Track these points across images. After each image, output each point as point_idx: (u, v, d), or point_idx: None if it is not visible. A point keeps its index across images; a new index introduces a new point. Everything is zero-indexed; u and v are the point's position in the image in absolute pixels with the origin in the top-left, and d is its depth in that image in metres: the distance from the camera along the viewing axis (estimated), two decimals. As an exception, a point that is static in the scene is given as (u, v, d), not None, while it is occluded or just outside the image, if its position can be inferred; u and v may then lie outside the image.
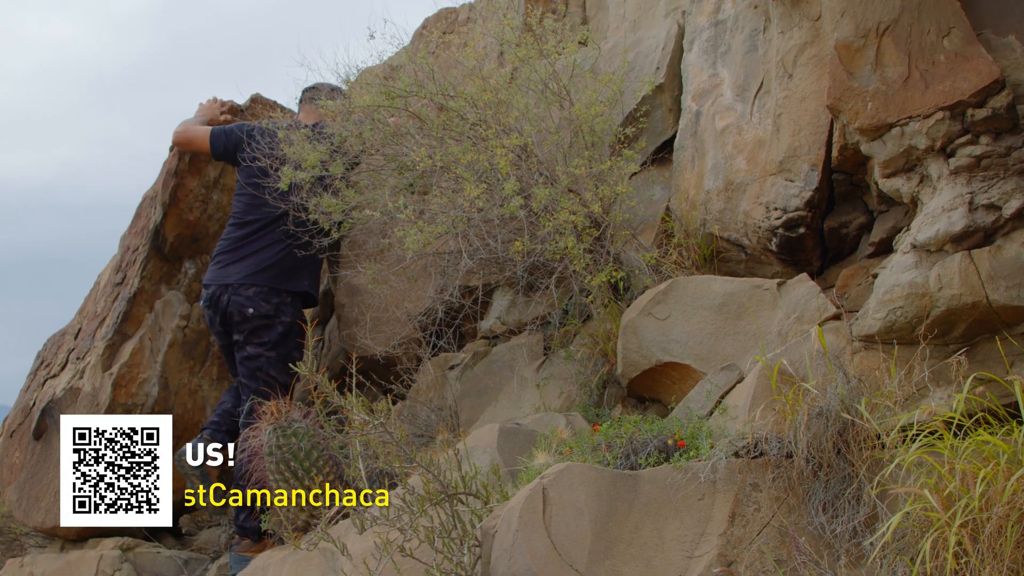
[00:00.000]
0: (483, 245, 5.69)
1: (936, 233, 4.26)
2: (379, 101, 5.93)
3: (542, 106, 5.83)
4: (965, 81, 4.26)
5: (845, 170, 5.07)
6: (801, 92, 5.21)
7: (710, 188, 5.60)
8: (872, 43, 4.58)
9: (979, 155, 4.25)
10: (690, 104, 5.99)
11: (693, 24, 6.26)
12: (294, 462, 5.26)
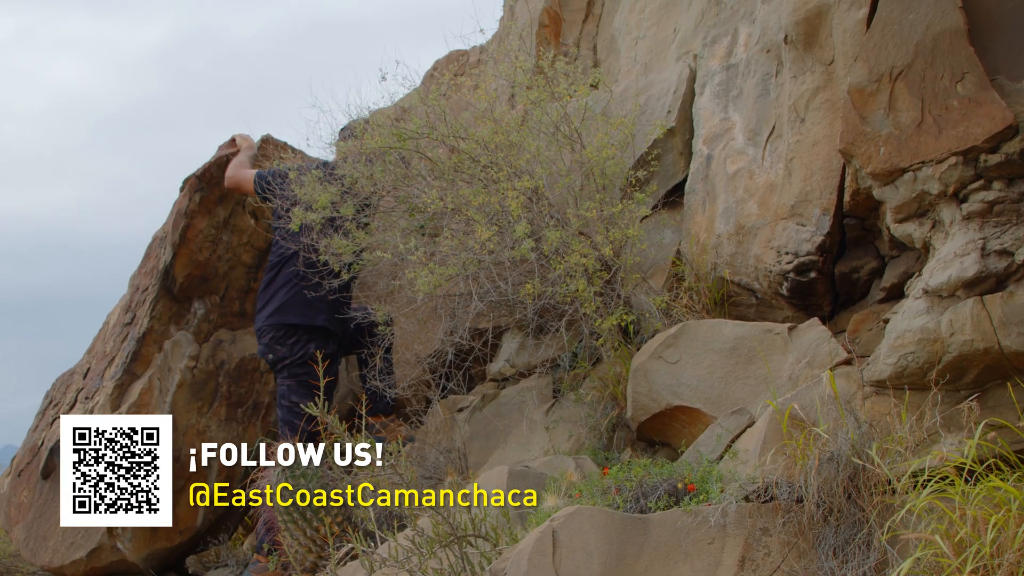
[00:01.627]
0: (493, 287, 5.69)
1: (948, 278, 4.24)
2: (390, 143, 5.94)
3: (553, 149, 5.84)
4: (978, 126, 4.25)
5: (857, 215, 5.06)
6: (813, 136, 5.21)
7: (721, 232, 5.60)
8: (885, 88, 4.58)
9: (992, 201, 4.23)
10: (701, 148, 6.00)
11: (705, 68, 6.27)
12: (302, 504, 5.23)
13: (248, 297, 7.65)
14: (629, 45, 7.78)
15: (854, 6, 4.91)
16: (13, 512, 7.62)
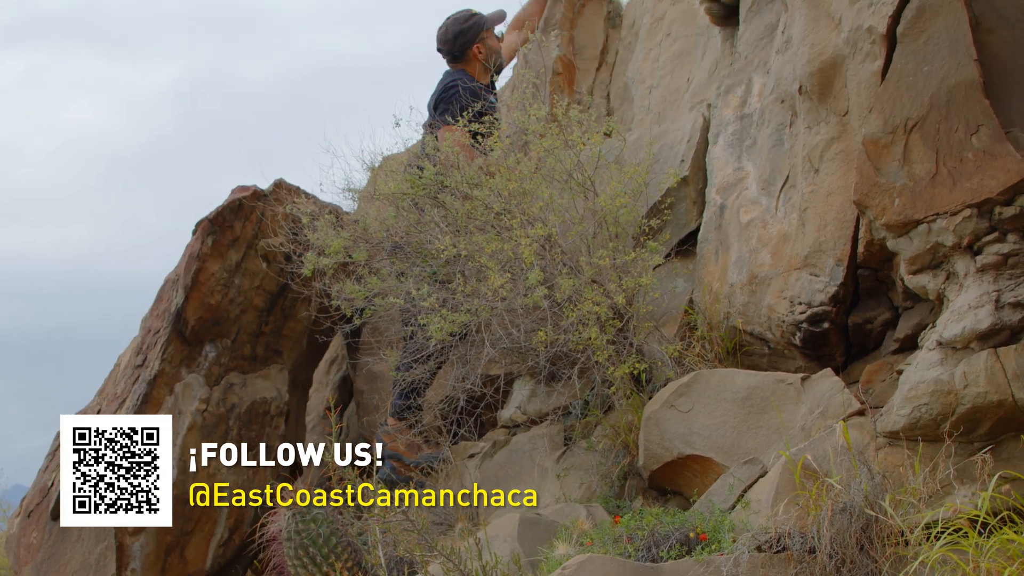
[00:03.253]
0: (506, 334, 5.69)
1: (962, 331, 4.24)
2: (404, 189, 5.97)
3: (567, 197, 5.85)
4: (993, 179, 4.25)
5: (871, 266, 5.06)
6: (827, 187, 5.22)
7: (734, 281, 5.60)
8: (900, 139, 4.59)
9: (1006, 253, 4.23)
10: (715, 197, 6.01)
11: (719, 117, 6.29)
12: (312, 548, 5.21)
13: (259, 340, 7.65)
14: (643, 94, 7.81)
15: (869, 58, 4.92)
16: (22, 553, 7.59)
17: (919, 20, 4.67)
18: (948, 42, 4.55)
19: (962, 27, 4.54)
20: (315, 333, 7.22)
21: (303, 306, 7.41)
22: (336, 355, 8.38)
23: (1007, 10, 4.64)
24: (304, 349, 7.75)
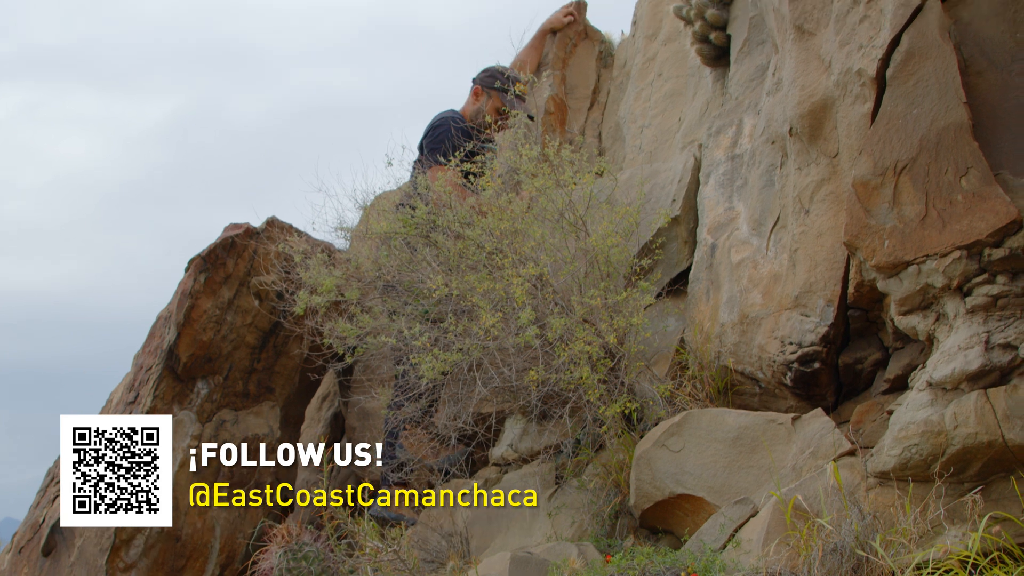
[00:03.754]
0: (497, 373, 5.70)
1: (952, 371, 4.26)
2: (396, 228, 5.99)
3: (558, 236, 5.87)
4: (982, 221, 4.28)
5: (861, 306, 5.08)
6: (818, 228, 5.24)
7: (725, 321, 5.62)
8: (890, 181, 4.61)
9: (996, 295, 4.26)
10: (706, 237, 6.03)
11: (710, 157, 6.32)
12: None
13: (252, 377, 7.66)
14: (634, 133, 7.85)
15: (858, 100, 4.96)
16: (12, 590, 7.58)
17: (908, 63, 4.71)
18: (937, 85, 4.59)
19: (951, 70, 4.57)
20: (307, 370, 7.25)
21: (295, 343, 7.44)
22: (328, 392, 8.39)
23: (995, 53, 4.68)
24: (296, 386, 7.77)
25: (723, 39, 6.95)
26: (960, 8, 4.81)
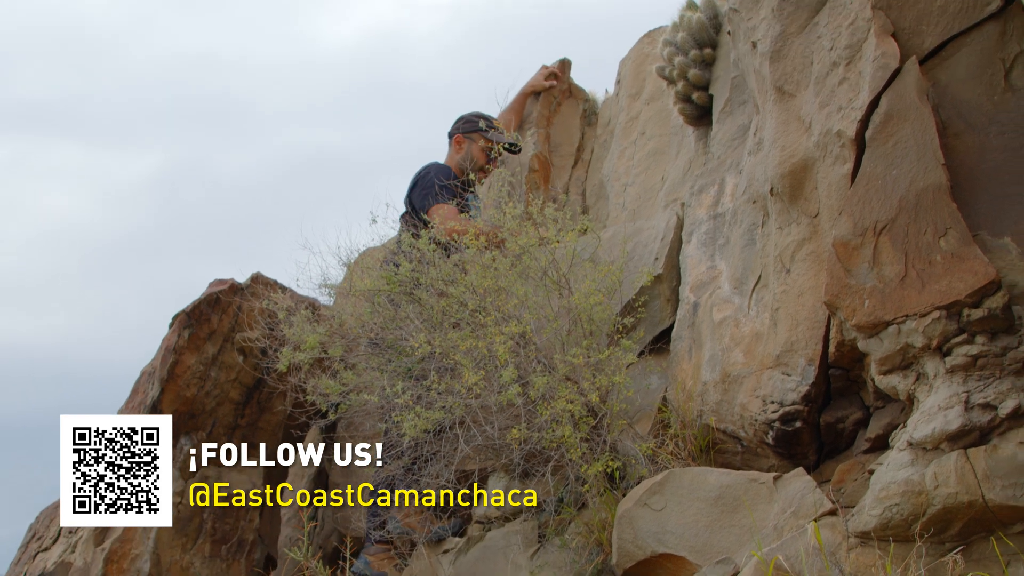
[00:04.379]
0: (480, 431, 5.70)
1: (932, 431, 4.26)
2: (379, 286, 6.01)
3: (542, 294, 5.89)
4: (961, 281, 4.30)
5: (842, 365, 5.09)
6: (799, 287, 5.26)
7: (707, 379, 5.63)
8: (870, 241, 4.64)
9: (975, 354, 4.27)
10: (688, 295, 6.05)
11: (692, 216, 6.36)
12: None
13: (235, 433, 7.65)
14: (618, 191, 7.89)
15: (838, 161, 5.00)
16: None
17: (887, 125, 4.75)
18: (916, 147, 4.63)
19: (929, 132, 4.62)
20: (290, 427, 7.24)
21: (279, 400, 7.44)
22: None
23: (973, 116, 4.73)
24: (280, 442, 7.76)
25: (705, 99, 7.01)
26: (938, 71, 4.87)
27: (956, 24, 4.94)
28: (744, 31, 6.06)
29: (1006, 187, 4.52)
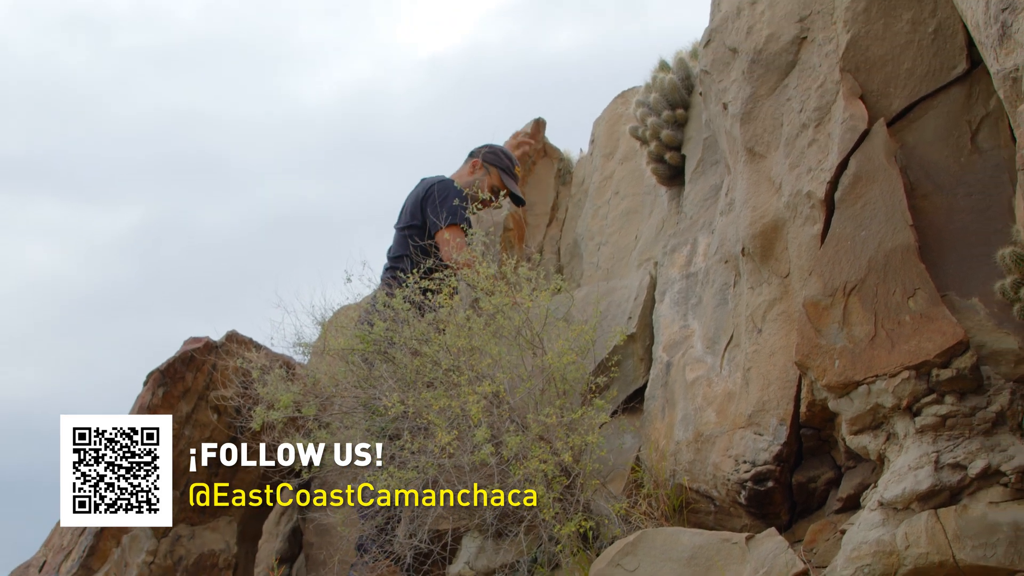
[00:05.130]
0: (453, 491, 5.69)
1: (903, 491, 4.28)
2: (353, 345, 6.01)
3: (515, 353, 5.89)
4: (930, 342, 4.34)
5: (813, 425, 5.11)
6: (770, 347, 5.29)
7: (680, 439, 5.64)
8: (839, 302, 4.68)
9: (945, 415, 4.30)
10: (661, 354, 6.08)
11: (665, 276, 6.39)
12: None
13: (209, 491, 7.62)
14: (592, 250, 7.93)
15: (808, 222, 5.04)
16: None
17: (856, 186, 4.81)
18: (884, 208, 4.68)
19: (897, 193, 4.68)
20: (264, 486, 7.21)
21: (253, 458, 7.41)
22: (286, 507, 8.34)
23: (941, 177, 4.79)
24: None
25: (678, 159, 7.08)
26: (906, 133, 4.94)
27: (923, 87, 5.02)
28: (715, 93, 6.12)
29: (973, 248, 4.57)
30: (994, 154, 4.78)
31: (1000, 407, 4.25)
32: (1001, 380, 4.28)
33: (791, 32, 5.62)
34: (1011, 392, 4.26)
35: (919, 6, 5.16)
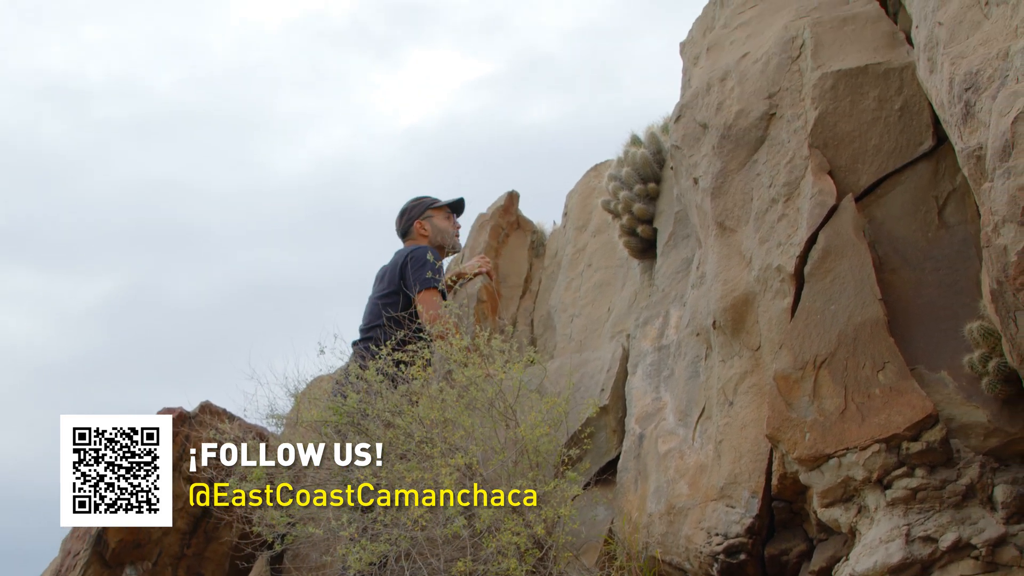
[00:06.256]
0: (425, 564, 5.67)
1: (874, 564, 4.30)
2: (327, 416, 6.01)
3: (488, 425, 5.90)
4: (900, 415, 4.38)
5: (785, 498, 5.12)
6: (742, 420, 5.32)
7: (652, 511, 5.64)
8: (810, 375, 4.72)
9: (915, 488, 4.33)
10: (633, 426, 6.09)
11: (637, 348, 6.42)
12: None
13: (181, 563, 7.58)
14: (565, 322, 7.96)
15: (779, 295, 5.09)
16: None
17: (825, 260, 4.86)
18: (853, 282, 4.74)
19: (866, 268, 4.74)
20: (237, 557, 7.17)
21: (226, 530, 7.39)
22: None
23: (909, 252, 4.85)
24: (226, 573, 7.68)
25: (650, 232, 7.13)
26: (874, 208, 5.01)
27: (890, 163, 5.10)
28: (686, 167, 6.19)
29: (941, 322, 4.62)
30: (961, 229, 4.85)
31: (970, 480, 4.29)
32: (971, 453, 4.32)
33: (760, 108, 5.71)
34: (981, 465, 4.30)
35: (885, 84, 5.25)
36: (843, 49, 5.52)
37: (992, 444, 4.29)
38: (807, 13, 5.93)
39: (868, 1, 5.87)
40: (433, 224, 7.80)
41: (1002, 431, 4.27)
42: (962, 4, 4.40)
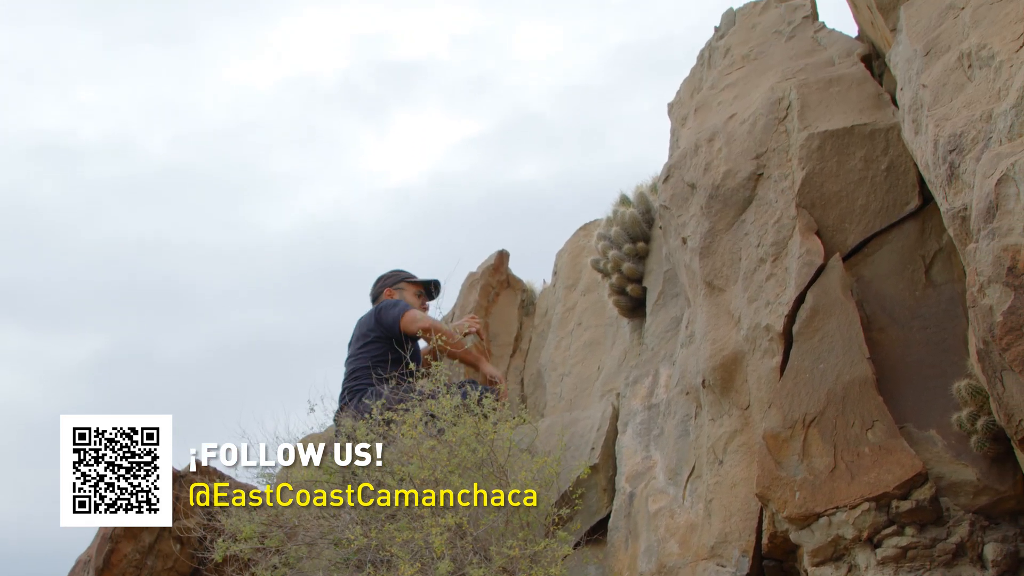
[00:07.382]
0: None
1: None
2: (317, 476, 6.00)
3: (478, 485, 5.90)
4: (889, 473, 4.39)
5: (775, 556, 5.11)
6: (732, 478, 5.32)
7: (644, 570, 5.63)
8: (799, 434, 4.73)
9: (905, 546, 4.34)
10: (624, 485, 6.09)
11: (627, 407, 6.43)
12: None
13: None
14: (555, 381, 7.97)
15: (767, 354, 5.11)
16: None
17: (813, 320, 4.89)
18: (842, 341, 4.76)
19: (854, 327, 4.76)
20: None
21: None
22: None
23: (896, 310, 4.88)
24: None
25: (639, 291, 7.16)
26: (861, 267, 5.04)
27: (877, 222, 5.14)
28: (675, 227, 6.22)
29: (929, 380, 4.65)
30: (948, 288, 4.88)
31: (960, 538, 4.30)
32: (960, 511, 4.32)
33: (748, 169, 5.75)
34: (971, 523, 4.31)
35: (871, 144, 5.30)
36: (829, 110, 5.58)
37: (982, 502, 4.30)
38: (793, 74, 5.99)
39: (853, 63, 5.93)
40: (403, 296, 7.84)
41: (991, 489, 4.28)
42: (946, 67, 4.45)
